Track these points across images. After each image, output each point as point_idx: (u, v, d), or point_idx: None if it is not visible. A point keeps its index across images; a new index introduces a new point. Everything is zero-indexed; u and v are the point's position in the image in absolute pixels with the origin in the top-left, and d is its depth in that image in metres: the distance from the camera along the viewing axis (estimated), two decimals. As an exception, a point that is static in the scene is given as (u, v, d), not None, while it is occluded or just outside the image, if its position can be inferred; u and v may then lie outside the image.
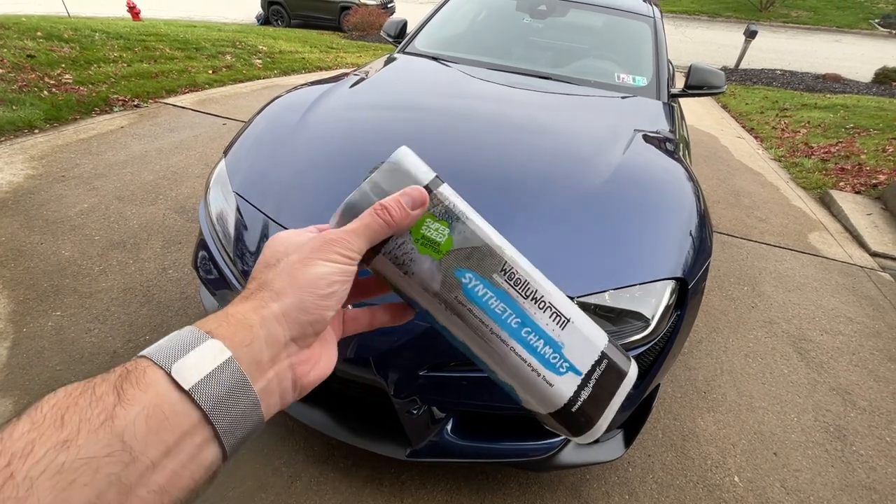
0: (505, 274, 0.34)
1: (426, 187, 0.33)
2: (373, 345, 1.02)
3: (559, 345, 0.34)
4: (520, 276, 0.34)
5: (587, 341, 0.35)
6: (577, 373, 0.34)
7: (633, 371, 0.36)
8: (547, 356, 0.33)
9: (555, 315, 0.34)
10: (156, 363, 0.23)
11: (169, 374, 0.23)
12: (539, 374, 0.33)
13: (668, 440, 1.56)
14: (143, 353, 0.24)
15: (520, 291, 0.34)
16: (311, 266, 0.29)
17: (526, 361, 0.33)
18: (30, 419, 0.20)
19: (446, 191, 0.35)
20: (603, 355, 0.35)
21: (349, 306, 0.38)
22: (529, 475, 1.40)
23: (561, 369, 0.33)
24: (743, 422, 1.66)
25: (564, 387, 0.33)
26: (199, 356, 0.24)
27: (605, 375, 0.34)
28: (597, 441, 1.23)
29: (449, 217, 0.34)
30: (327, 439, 1.42)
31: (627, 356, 0.36)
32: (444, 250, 0.33)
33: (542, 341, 0.33)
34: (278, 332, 0.27)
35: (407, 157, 0.35)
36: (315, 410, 1.24)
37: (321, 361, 0.31)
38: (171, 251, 2.16)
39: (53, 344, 1.63)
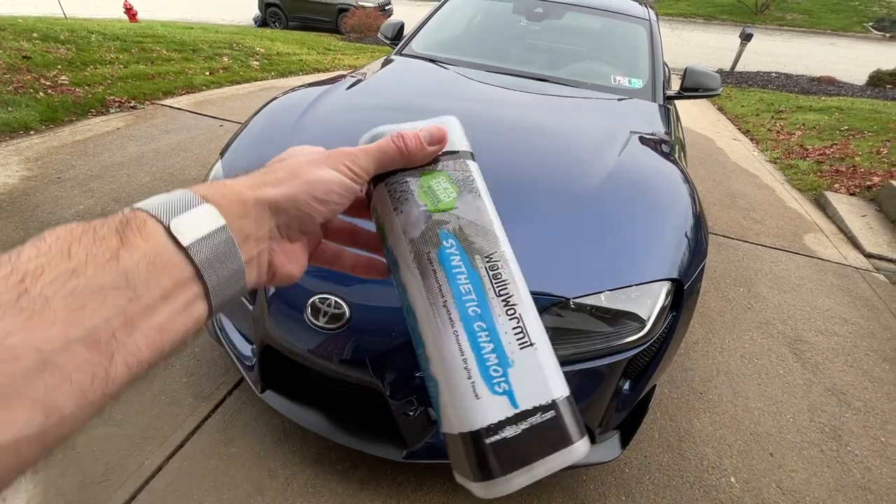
0: (489, 262, 0.31)
1: (463, 152, 0.34)
2: (369, 346, 1.02)
3: (508, 361, 0.29)
4: (502, 273, 0.31)
5: (542, 379, 0.29)
6: (514, 404, 0.28)
7: (579, 447, 0.28)
8: (489, 364, 0.29)
9: (519, 330, 0.30)
10: (152, 215, 0.24)
11: (167, 229, 0.24)
12: (470, 378, 0.28)
13: (665, 441, 1.57)
14: (139, 205, 0.25)
15: (494, 286, 0.31)
16: (316, 168, 0.30)
17: (464, 355, 0.29)
18: (35, 248, 0.21)
19: (472, 166, 0.34)
20: (553, 405, 0.28)
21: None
22: (526, 476, 1.39)
23: (497, 388, 0.28)
24: (739, 422, 1.67)
25: (491, 409, 0.28)
26: (195, 218, 0.25)
27: (543, 429, 0.28)
28: (594, 441, 1.24)
29: (463, 185, 0.33)
30: (323, 441, 1.41)
31: (582, 429, 0.29)
32: (443, 208, 0.32)
33: (491, 345, 0.29)
34: (266, 216, 0.28)
35: (453, 123, 0.35)
36: (311, 412, 1.24)
37: (296, 264, 0.32)
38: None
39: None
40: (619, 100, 1.98)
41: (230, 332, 1.38)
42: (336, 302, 1.03)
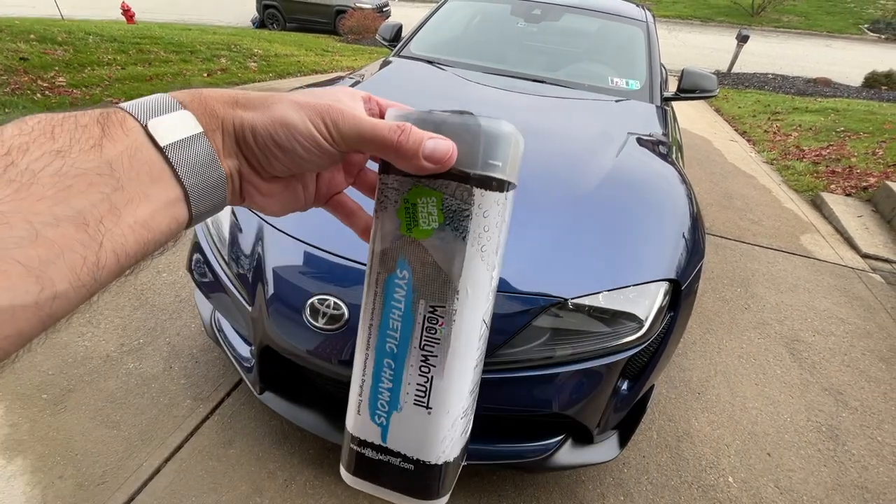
0: (432, 313, 0.28)
1: (477, 176, 0.27)
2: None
3: (398, 406, 0.29)
4: (438, 331, 0.28)
5: (420, 438, 0.29)
6: (383, 439, 0.29)
7: None
8: (380, 397, 0.29)
9: (422, 391, 0.29)
10: (131, 114, 0.24)
11: (146, 129, 0.23)
12: (360, 395, 0.30)
13: (663, 441, 1.57)
14: (120, 105, 0.24)
15: (423, 338, 0.28)
16: (292, 109, 0.27)
17: (364, 376, 0.30)
18: (17, 127, 0.20)
19: (487, 200, 0.27)
20: (416, 462, 0.29)
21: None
22: (525, 477, 1.40)
23: (376, 418, 0.29)
24: (737, 422, 1.67)
25: (364, 428, 0.30)
26: (173, 121, 0.24)
27: (397, 471, 0.29)
28: (592, 442, 1.24)
29: (452, 218, 0.27)
30: (322, 443, 1.41)
31: (437, 493, 0.30)
32: (414, 235, 0.28)
33: (390, 384, 0.29)
34: (231, 137, 0.27)
35: (500, 133, 0.27)
36: (310, 414, 1.24)
37: (271, 200, 0.31)
38: (165, 254, 2.15)
39: (45, 348, 1.61)
40: (616, 101, 1.99)
41: (229, 334, 1.38)
42: (335, 303, 1.03)
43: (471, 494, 1.34)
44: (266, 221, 1.19)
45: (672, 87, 2.59)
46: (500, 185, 0.27)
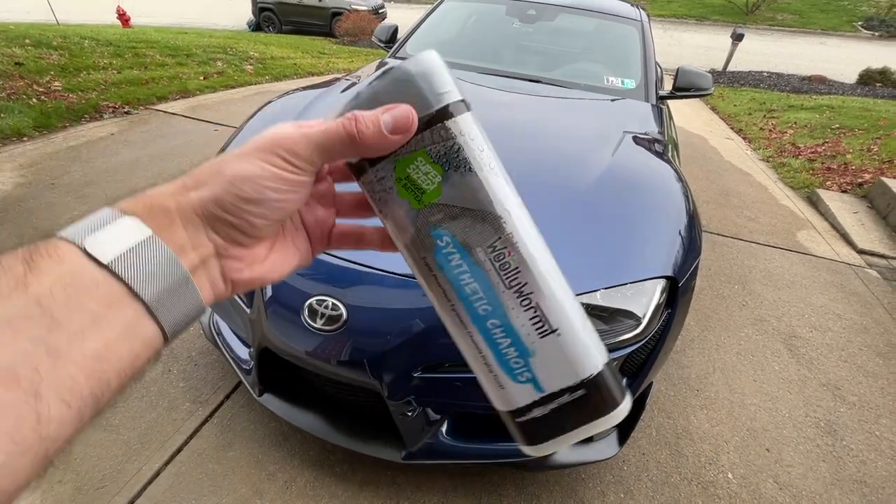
0: (494, 252, 0.27)
1: (438, 112, 0.26)
2: (367, 347, 1.03)
3: (528, 352, 0.28)
4: (511, 260, 0.27)
5: (568, 361, 0.28)
6: (539, 389, 0.28)
7: (620, 410, 0.29)
8: (508, 358, 0.28)
9: (538, 319, 0.28)
10: (65, 238, 0.22)
11: (83, 249, 0.21)
12: (492, 371, 0.28)
13: (663, 438, 1.57)
14: (55, 233, 0.23)
15: (503, 278, 0.28)
16: (244, 162, 0.25)
17: (481, 353, 0.28)
18: None
19: (462, 124, 0.27)
20: (582, 384, 0.28)
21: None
22: (525, 476, 1.40)
23: (520, 378, 0.28)
24: (735, 419, 1.68)
25: (517, 395, 0.28)
26: (114, 232, 0.22)
27: (574, 405, 0.28)
28: (591, 440, 1.24)
29: (447, 161, 0.27)
30: (322, 444, 1.41)
31: (622, 390, 0.29)
32: (428, 201, 0.27)
33: (508, 340, 0.28)
34: (197, 223, 0.25)
35: (427, 65, 0.27)
36: (309, 415, 1.24)
37: (265, 264, 0.28)
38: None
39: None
40: (612, 100, 2.00)
41: (227, 336, 1.38)
42: (333, 304, 1.03)
43: (472, 494, 1.34)
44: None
45: (668, 85, 2.60)
46: (462, 105, 0.27)
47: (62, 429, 0.19)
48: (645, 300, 1.11)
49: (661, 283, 1.14)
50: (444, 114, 0.27)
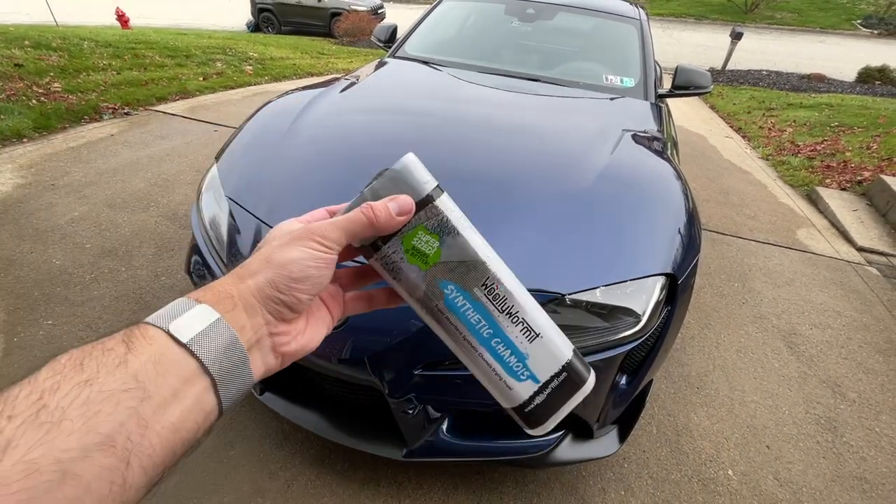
0: (486, 288, 0.36)
1: (426, 197, 0.35)
2: (367, 345, 1.03)
3: (524, 356, 0.37)
4: (499, 291, 0.36)
5: (551, 355, 0.37)
6: (536, 381, 0.37)
7: (589, 383, 0.38)
8: (511, 364, 0.37)
9: (526, 329, 0.37)
10: (154, 325, 0.26)
11: (168, 332, 0.26)
12: (501, 379, 0.37)
13: (663, 436, 1.58)
14: (144, 320, 0.27)
15: (496, 306, 0.36)
16: (288, 250, 0.31)
17: (491, 366, 0.37)
18: (51, 368, 0.23)
19: (444, 203, 0.36)
20: (563, 368, 0.37)
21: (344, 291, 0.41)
22: (526, 474, 1.40)
23: (521, 377, 0.37)
24: (736, 416, 1.68)
25: (522, 391, 0.37)
26: (192, 317, 0.27)
27: (561, 386, 0.37)
28: (592, 437, 1.25)
29: (441, 230, 0.36)
30: (323, 443, 1.41)
31: (588, 367, 0.39)
32: (432, 262, 0.36)
33: (508, 351, 0.37)
34: (254, 304, 0.30)
35: (410, 165, 0.36)
36: (310, 413, 1.24)
37: (304, 335, 0.34)
38: (164, 258, 2.16)
39: (46, 353, 1.61)
40: (611, 99, 2.00)
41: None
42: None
43: (472, 492, 1.34)
44: (263, 222, 1.20)
45: (667, 84, 2.60)
46: (439, 189, 0.36)
47: (137, 495, 0.22)
48: (645, 297, 1.11)
49: (660, 281, 1.14)
50: (431, 197, 0.36)
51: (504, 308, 0.36)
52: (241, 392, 0.29)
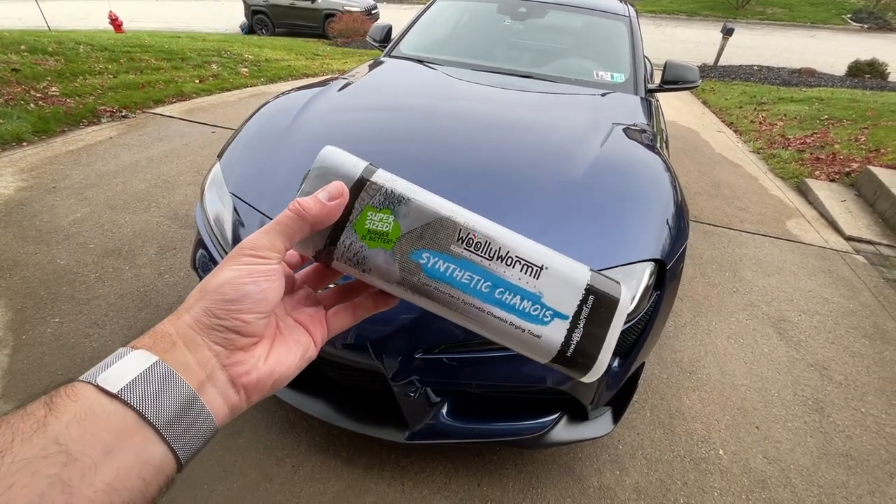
0: (462, 242, 0.33)
1: (359, 179, 0.33)
2: (370, 330, 1.08)
3: (537, 295, 0.33)
4: (479, 239, 0.33)
5: (567, 283, 0.33)
6: (564, 317, 0.32)
7: (624, 296, 0.34)
8: (527, 310, 0.32)
9: (525, 267, 0.33)
10: (82, 380, 0.24)
11: (96, 385, 0.23)
12: (524, 330, 0.32)
13: (656, 418, 1.63)
14: (77, 379, 0.25)
15: (482, 255, 0.33)
16: (219, 273, 0.29)
17: (507, 321, 0.32)
18: None
19: (381, 177, 0.34)
20: (588, 291, 0.33)
21: (323, 306, 0.38)
22: (524, 456, 1.45)
23: (545, 319, 0.32)
24: (726, 399, 1.74)
25: (553, 335, 0.32)
26: (124, 365, 0.25)
27: (594, 311, 0.33)
28: (587, 418, 1.30)
29: (390, 203, 0.33)
30: (328, 429, 1.46)
31: (616, 283, 0.34)
32: (394, 238, 0.33)
33: (518, 297, 0.32)
34: (195, 338, 0.27)
35: (330, 157, 0.34)
36: (315, 400, 1.29)
37: (267, 362, 0.30)
38: (167, 256, 2.19)
39: (53, 350, 1.65)
40: (602, 94, 2.05)
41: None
42: (337, 290, 1.08)
43: (473, 474, 1.39)
44: (267, 217, 1.24)
45: (658, 80, 2.66)
46: (371, 167, 0.34)
47: None
48: (634, 282, 1.16)
49: (649, 266, 1.19)
50: (364, 177, 0.33)
51: (492, 254, 0.33)
52: (201, 437, 0.26)
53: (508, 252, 0.33)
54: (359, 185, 0.33)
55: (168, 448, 0.24)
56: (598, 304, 0.33)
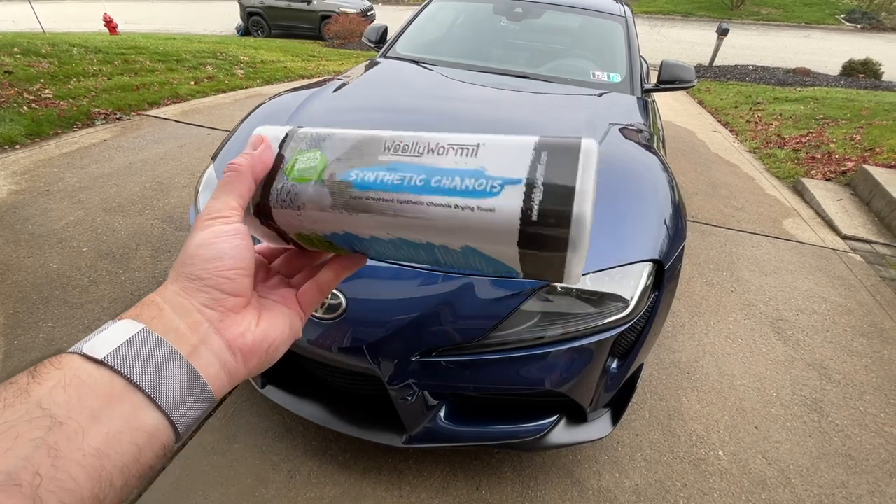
0: (389, 150, 0.31)
1: (285, 136, 0.35)
2: (365, 334, 1.06)
3: (479, 170, 0.28)
4: (406, 142, 0.31)
5: (511, 148, 0.29)
6: (516, 181, 0.27)
7: (586, 141, 0.28)
8: (470, 187, 0.28)
9: (460, 150, 0.29)
10: (69, 351, 0.24)
11: (81, 353, 0.23)
12: (473, 209, 0.27)
13: (655, 419, 1.62)
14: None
15: (412, 154, 0.30)
16: (191, 241, 0.29)
17: (451, 205, 0.28)
18: None
19: (305, 129, 0.35)
20: (539, 146, 0.28)
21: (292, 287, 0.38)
22: (523, 459, 1.44)
23: (494, 189, 0.27)
24: (725, 399, 1.73)
25: (509, 203, 0.27)
26: (110, 334, 0.25)
27: (552, 164, 0.27)
28: (585, 420, 1.29)
29: (316, 143, 0.33)
30: (325, 434, 1.45)
31: (575, 136, 0.29)
32: (322, 167, 0.32)
33: (457, 178, 0.28)
34: (184, 302, 0.27)
35: (261, 131, 0.35)
36: (311, 405, 1.28)
37: (260, 326, 0.31)
38: (161, 260, 2.17)
39: (46, 354, 1.63)
40: (598, 94, 2.05)
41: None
42: (332, 293, 1.07)
43: (471, 478, 1.38)
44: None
45: (655, 80, 2.66)
46: (296, 129, 0.36)
47: None
48: (633, 283, 1.15)
49: (647, 267, 1.18)
50: (289, 133, 0.35)
51: (421, 150, 0.30)
52: (198, 403, 0.25)
53: (439, 143, 0.30)
54: (284, 141, 0.34)
55: (161, 414, 0.24)
56: (555, 157, 0.27)
